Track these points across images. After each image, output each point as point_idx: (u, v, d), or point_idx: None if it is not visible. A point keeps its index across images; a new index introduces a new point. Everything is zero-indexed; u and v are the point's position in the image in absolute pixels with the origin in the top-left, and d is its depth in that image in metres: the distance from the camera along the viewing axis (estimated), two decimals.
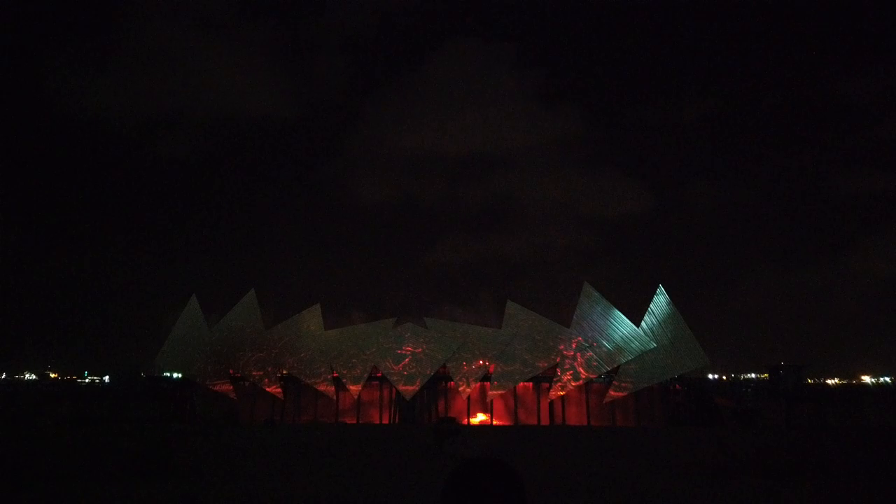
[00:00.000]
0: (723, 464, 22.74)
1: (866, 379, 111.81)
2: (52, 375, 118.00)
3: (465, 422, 50.09)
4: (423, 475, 19.77)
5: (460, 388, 52.54)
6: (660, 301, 53.10)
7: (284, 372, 54.55)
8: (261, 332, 54.96)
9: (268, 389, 53.64)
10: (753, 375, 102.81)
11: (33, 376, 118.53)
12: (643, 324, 52.57)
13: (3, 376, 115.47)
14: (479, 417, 53.41)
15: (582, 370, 51.87)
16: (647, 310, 53.02)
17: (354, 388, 53.13)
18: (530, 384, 53.44)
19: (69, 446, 27.59)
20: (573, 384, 51.97)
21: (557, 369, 52.09)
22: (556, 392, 51.89)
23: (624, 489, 17.82)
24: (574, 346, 52.38)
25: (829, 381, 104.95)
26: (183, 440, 29.50)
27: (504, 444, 31.63)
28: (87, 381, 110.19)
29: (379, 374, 53.83)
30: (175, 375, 61.82)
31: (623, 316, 52.43)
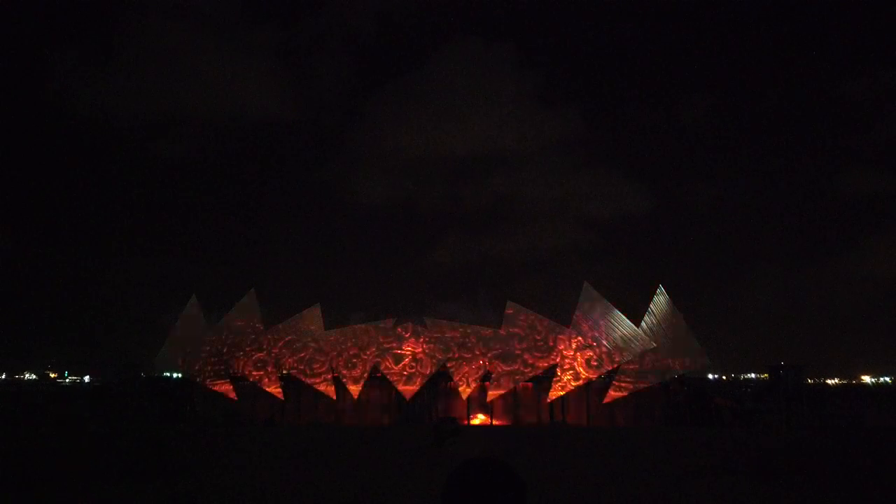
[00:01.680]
0: (722, 464, 22.73)
1: (866, 379, 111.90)
2: (52, 375, 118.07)
3: (464, 422, 50.05)
4: (423, 475, 19.76)
5: (460, 388, 52.52)
6: (660, 301, 53.05)
7: (284, 372, 54.55)
8: (261, 332, 54.94)
9: (268, 389, 53.63)
10: (753, 375, 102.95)
11: (33, 376, 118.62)
12: (643, 324, 52.49)
13: (3, 376, 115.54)
14: (479, 417, 53.39)
15: (582, 370, 51.82)
16: (647, 310, 52.95)
17: (355, 389, 53.12)
18: (530, 384, 53.40)
19: (69, 446, 27.59)
20: (573, 384, 51.93)
21: (557, 369, 52.07)
22: (556, 392, 51.85)
23: (624, 489, 17.82)
24: (574, 346, 52.32)
25: (829, 381, 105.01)
26: (183, 440, 29.50)
27: (504, 444, 31.62)
28: (67, 381, 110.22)
29: (379, 374, 53.81)
30: (175, 375, 61.81)
31: (623, 316, 52.35)
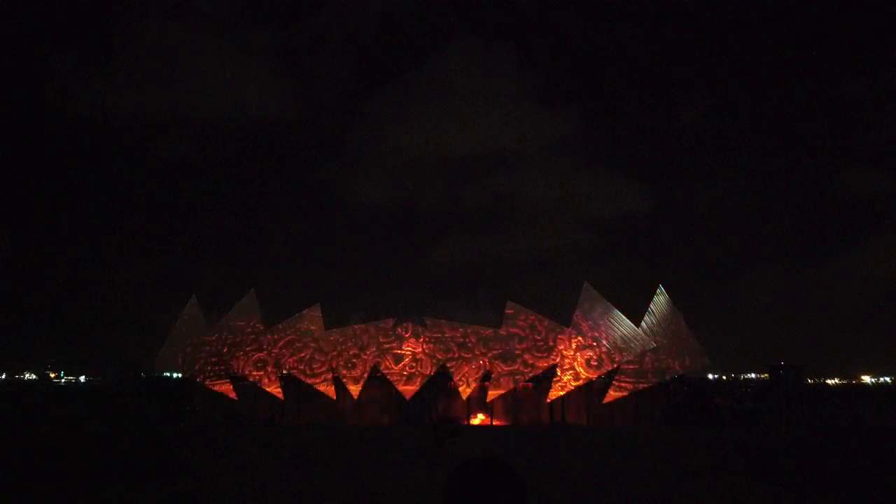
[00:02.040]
0: (722, 464, 22.73)
1: (866, 379, 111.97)
2: (52, 375, 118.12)
3: (465, 422, 50.04)
4: (423, 475, 19.76)
5: (460, 388, 52.53)
6: (660, 301, 53.04)
7: (284, 372, 54.56)
8: (261, 332, 54.94)
9: (268, 389, 53.64)
10: (753, 375, 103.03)
11: (33, 376, 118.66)
12: (643, 324, 52.49)
13: (3, 376, 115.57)
14: (479, 417, 53.40)
15: (582, 370, 51.82)
16: (647, 310, 52.94)
17: (355, 389, 53.13)
18: (530, 384, 53.41)
19: (68, 446, 27.58)
20: (573, 384, 51.93)
21: (557, 369, 52.06)
22: (556, 392, 51.85)
23: (624, 489, 17.82)
24: (574, 346, 52.33)
25: (829, 381, 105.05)
26: (183, 440, 29.49)
27: (504, 444, 31.61)
28: (63, 381, 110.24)
29: (379, 374, 53.81)
30: (175, 375, 61.82)
31: (623, 316, 52.34)
